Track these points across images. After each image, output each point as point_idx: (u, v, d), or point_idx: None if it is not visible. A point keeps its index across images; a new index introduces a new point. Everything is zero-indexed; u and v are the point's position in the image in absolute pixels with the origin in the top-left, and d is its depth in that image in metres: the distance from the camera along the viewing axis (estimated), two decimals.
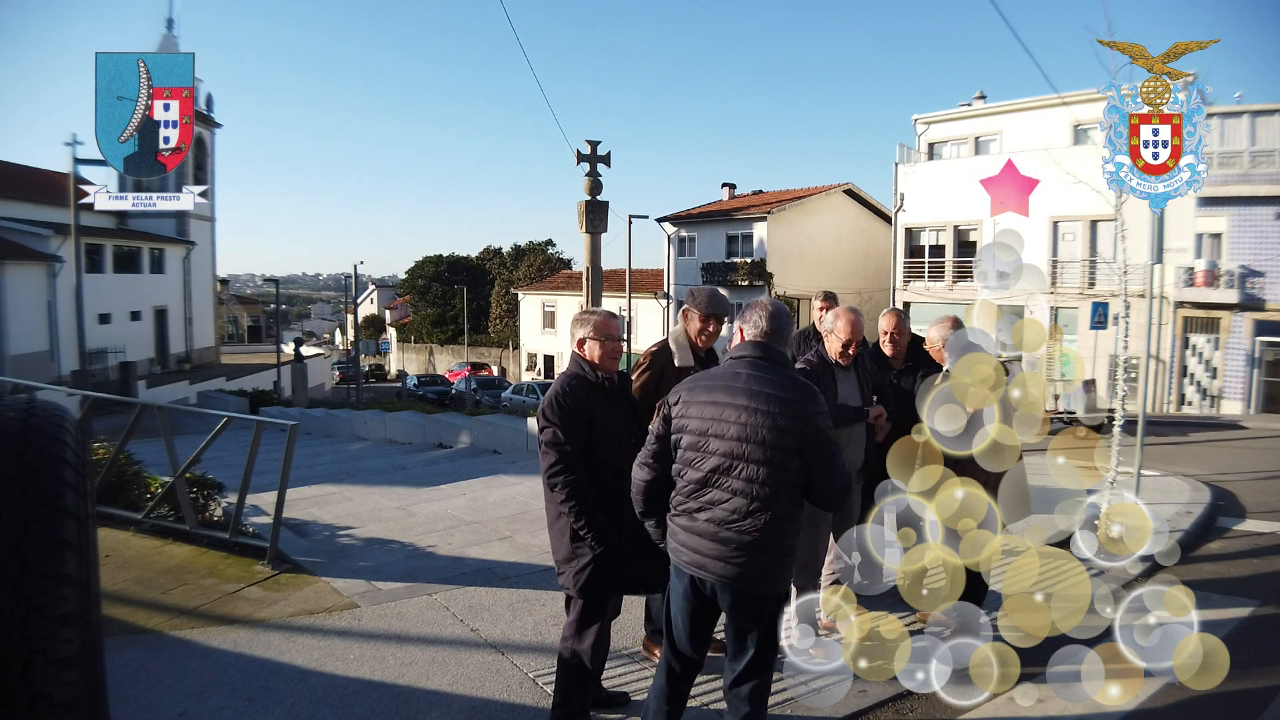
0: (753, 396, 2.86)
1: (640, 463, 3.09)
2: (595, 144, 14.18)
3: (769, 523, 2.84)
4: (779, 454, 2.82)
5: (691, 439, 2.93)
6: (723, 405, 2.89)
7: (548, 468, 3.41)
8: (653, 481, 3.06)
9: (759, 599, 2.91)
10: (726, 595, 2.91)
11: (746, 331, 3.08)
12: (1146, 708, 3.89)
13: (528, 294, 50.02)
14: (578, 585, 3.41)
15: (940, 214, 28.27)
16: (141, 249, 35.75)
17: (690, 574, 2.96)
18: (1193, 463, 10.87)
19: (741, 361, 3.00)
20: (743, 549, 2.84)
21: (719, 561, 2.86)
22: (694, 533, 2.92)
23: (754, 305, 3.12)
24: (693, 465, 2.93)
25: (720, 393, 2.92)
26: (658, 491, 3.07)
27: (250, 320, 77.67)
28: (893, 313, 5.02)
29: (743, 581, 2.86)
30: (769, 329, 3.03)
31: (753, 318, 3.07)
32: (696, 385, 3.01)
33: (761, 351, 3.00)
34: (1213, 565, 6.25)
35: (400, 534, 7.09)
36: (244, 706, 3.83)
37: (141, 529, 6.34)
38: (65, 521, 1.66)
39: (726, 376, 2.96)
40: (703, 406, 2.92)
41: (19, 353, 26.02)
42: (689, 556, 2.94)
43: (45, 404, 1.82)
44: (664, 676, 3.14)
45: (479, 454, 12.73)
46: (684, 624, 3.05)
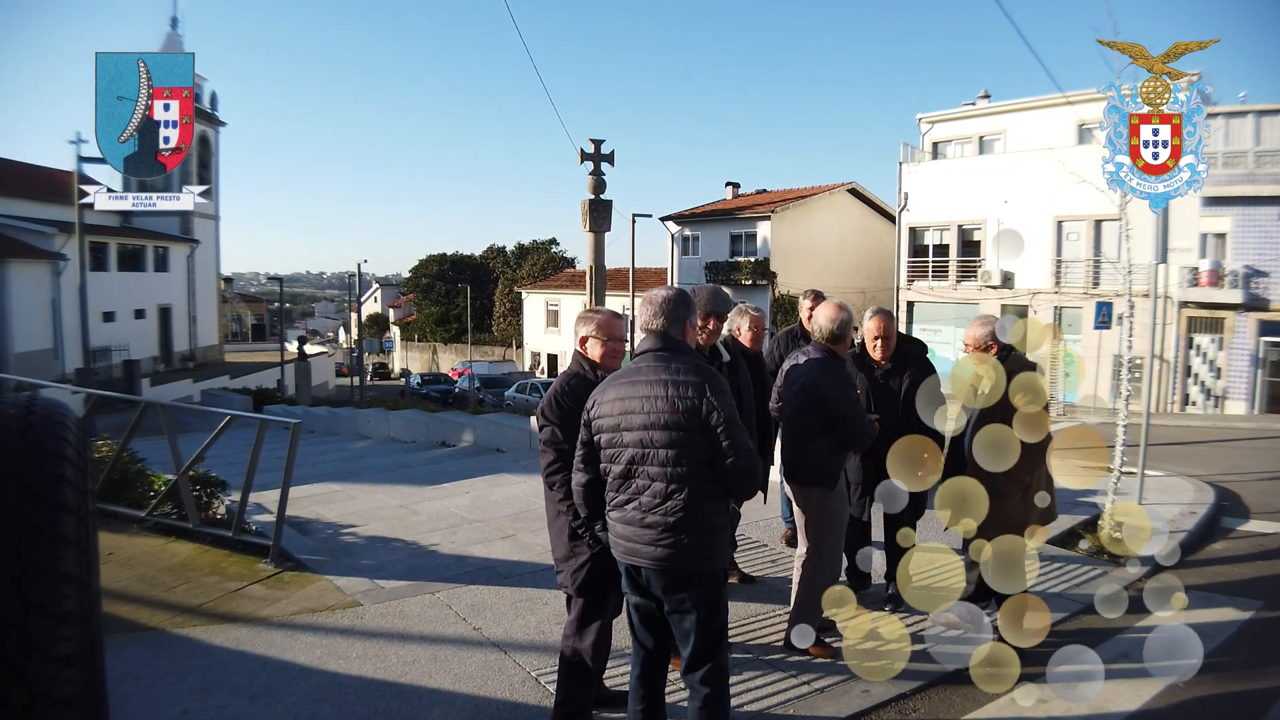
0: (652, 385, 2.99)
1: (574, 468, 3.23)
2: (599, 143, 14.18)
3: (689, 501, 2.94)
4: (685, 434, 2.94)
5: (608, 435, 3.06)
6: (628, 398, 3.02)
7: (546, 466, 3.48)
8: (587, 484, 3.19)
9: (689, 578, 2.99)
10: (659, 580, 3.01)
11: (640, 325, 3.22)
12: (1149, 709, 3.88)
13: (531, 293, 50.05)
14: (576, 584, 3.44)
15: (944, 213, 28.22)
16: (145, 247, 35.84)
17: (626, 564, 3.09)
18: (1196, 463, 10.84)
19: (644, 355, 3.12)
20: (668, 530, 2.96)
21: (648, 546, 2.98)
22: (625, 523, 3.05)
23: (645, 299, 3.26)
24: (614, 460, 3.06)
25: (625, 387, 3.05)
26: (594, 494, 3.19)
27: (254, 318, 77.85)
28: (880, 314, 4.98)
29: (670, 561, 2.97)
30: (664, 318, 3.15)
31: (646, 312, 3.21)
32: (607, 385, 3.15)
33: (660, 342, 3.12)
34: (1216, 566, 6.23)
35: (403, 532, 7.10)
36: (246, 704, 3.84)
37: (145, 527, 6.36)
38: (65, 519, 1.66)
39: (631, 372, 3.10)
40: (612, 403, 3.06)
41: (23, 350, 26.09)
42: (623, 546, 3.06)
43: (46, 401, 1.82)
44: (636, 670, 3.23)
45: (482, 452, 12.73)
46: (635, 615, 3.18)
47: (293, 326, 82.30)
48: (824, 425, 4.29)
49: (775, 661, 4.31)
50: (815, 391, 4.26)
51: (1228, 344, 22.34)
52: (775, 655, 4.39)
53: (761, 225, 35.31)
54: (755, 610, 4.97)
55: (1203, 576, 5.85)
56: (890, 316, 5.01)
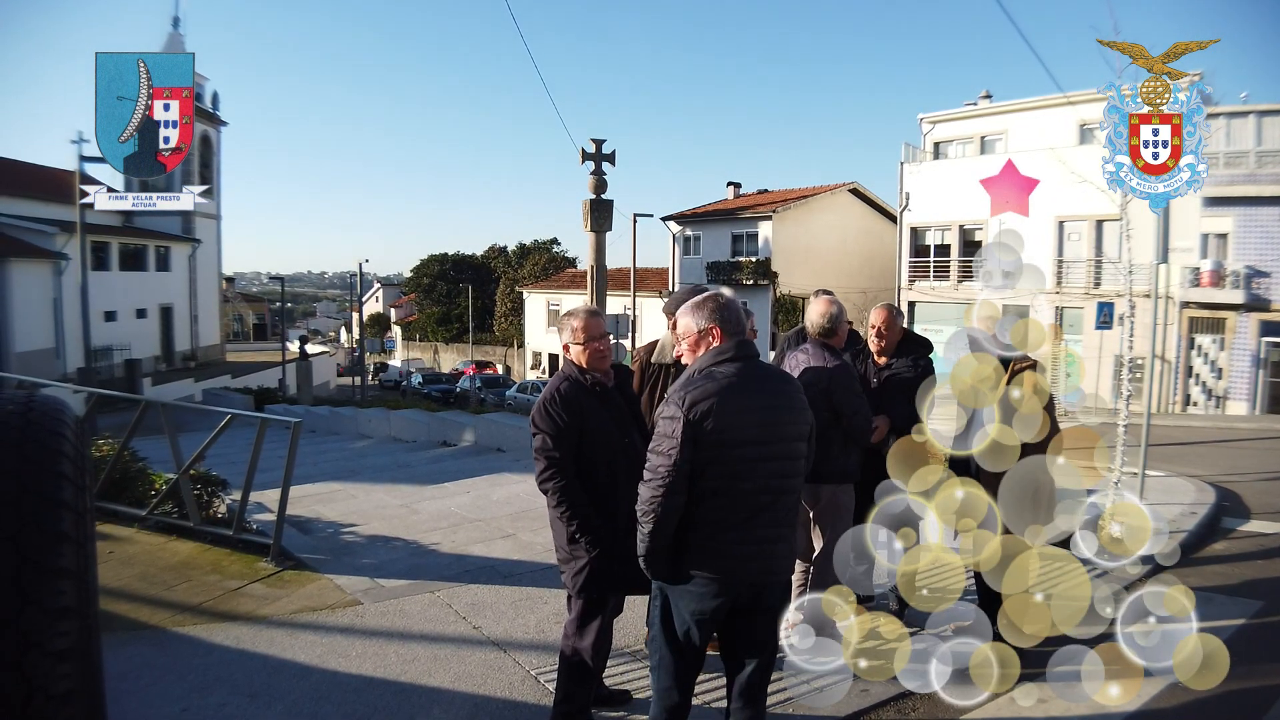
0: (784, 396, 2.96)
1: (669, 491, 2.74)
2: (600, 142, 14.21)
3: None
4: (808, 444, 3.04)
5: (737, 450, 2.83)
6: (761, 409, 2.89)
7: (539, 474, 3.41)
8: (678, 507, 2.83)
9: (789, 582, 3.08)
10: (774, 592, 2.96)
11: (728, 329, 2.94)
12: (1149, 709, 3.88)
13: (532, 292, 50.03)
14: (576, 586, 3.42)
15: (946, 213, 28.19)
16: (147, 246, 35.88)
17: (743, 587, 2.88)
18: (1197, 463, 10.84)
19: (746, 362, 2.89)
20: (786, 541, 2.95)
21: (778, 560, 2.97)
22: (752, 542, 2.89)
23: (701, 304, 2.98)
24: (740, 477, 2.83)
25: (745, 397, 2.85)
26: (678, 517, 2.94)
27: (255, 318, 78.03)
28: (882, 307, 4.90)
29: (789, 571, 3.04)
30: (737, 323, 2.99)
31: (726, 315, 2.95)
32: (725, 394, 2.81)
33: (753, 349, 3.00)
34: (1217, 566, 6.22)
35: (403, 531, 7.10)
36: (246, 703, 3.84)
37: (146, 525, 6.36)
38: (63, 515, 1.66)
39: (745, 379, 2.86)
40: (736, 415, 2.79)
41: (25, 350, 26.11)
42: (744, 568, 2.86)
43: (45, 399, 1.83)
44: (683, 693, 2.99)
45: (483, 452, 12.74)
46: (699, 635, 2.93)
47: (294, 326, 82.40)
48: (832, 419, 4.30)
49: (776, 661, 4.30)
50: (819, 386, 4.28)
51: (1229, 344, 22.32)
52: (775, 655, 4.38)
53: (763, 225, 35.28)
54: None
55: (1203, 577, 5.85)
56: (893, 310, 4.90)
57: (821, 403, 4.29)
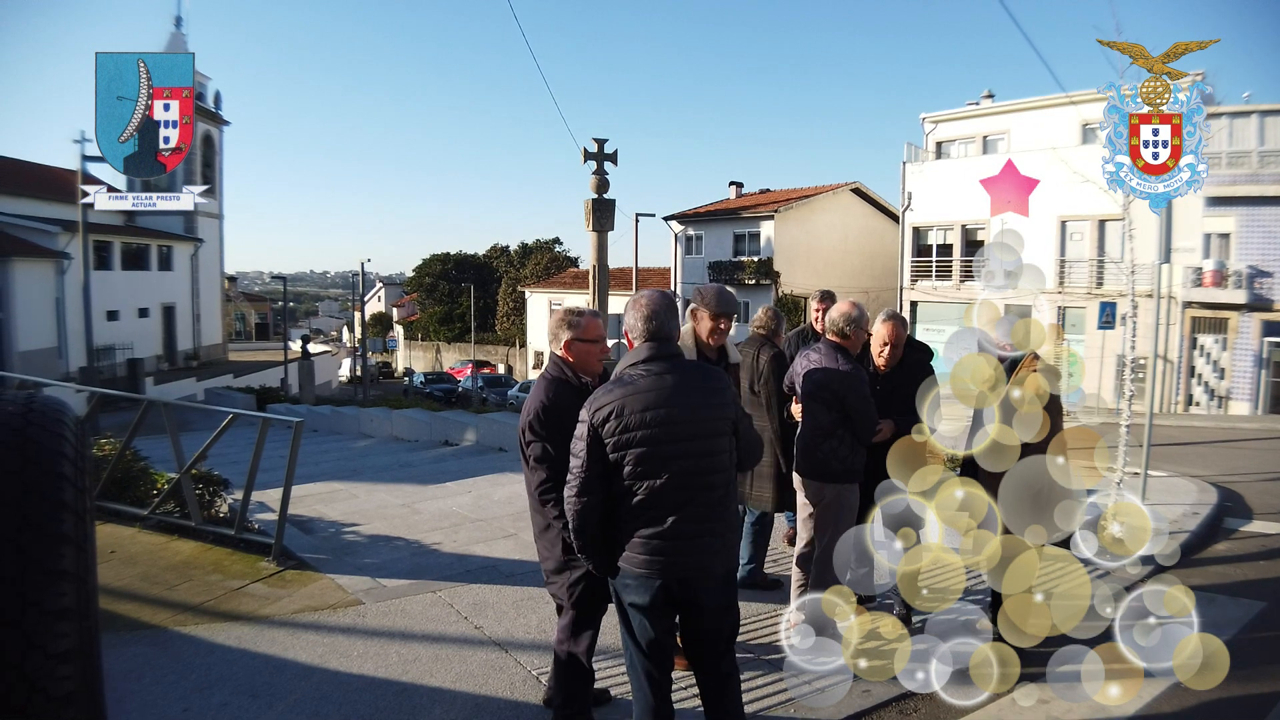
0: (695, 393, 2.97)
1: (576, 489, 2.95)
2: (602, 142, 14.20)
3: (733, 503, 3.08)
4: (729, 439, 3.04)
5: (643, 450, 2.93)
6: (665, 407, 2.92)
7: (539, 484, 3.35)
8: (593, 506, 3.00)
9: (731, 576, 3.09)
10: (708, 586, 3.00)
11: (641, 332, 3.05)
12: (1150, 711, 3.87)
13: (534, 292, 50.06)
14: (573, 598, 3.35)
15: (948, 213, 28.18)
16: (149, 246, 35.89)
17: (665, 579, 2.95)
18: (1199, 464, 10.82)
19: (657, 361, 3.00)
20: (719, 535, 3.01)
21: (702, 555, 2.98)
22: (670, 537, 2.97)
23: (636, 303, 3.10)
24: (652, 475, 2.93)
25: (651, 396, 2.94)
26: (600, 515, 3.01)
27: (258, 317, 78.03)
28: (892, 320, 4.69)
29: (727, 564, 3.06)
30: (659, 322, 3.03)
31: (649, 316, 3.04)
32: (626, 396, 2.95)
33: (671, 348, 3.05)
34: (1219, 567, 6.22)
35: (405, 531, 7.10)
36: (247, 702, 3.84)
37: (147, 525, 6.37)
38: (63, 516, 1.66)
39: (651, 380, 2.95)
40: (640, 415, 2.90)
41: (27, 349, 26.14)
42: (663, 561, 2.94)
43: (45, 399, 1.83)
44: (655, 693, 3.04)
45: (484, 451, 12.74)
46: (655, 633, 3.00)
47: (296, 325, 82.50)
48: (840, 419, 4.30)
49: (776, 661, 4.31)
50: (828, 386, 4.29)
51: (1231, 344, 22.29)
52: (776, 655, 4.38)
53: (765, 225, 35.28)
54: (755, 610, 4.97)
55: (1206, 577, 5.84)
56: (903, 324, 4.71)
57: (833, 404, 4.31)
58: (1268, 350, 21.84)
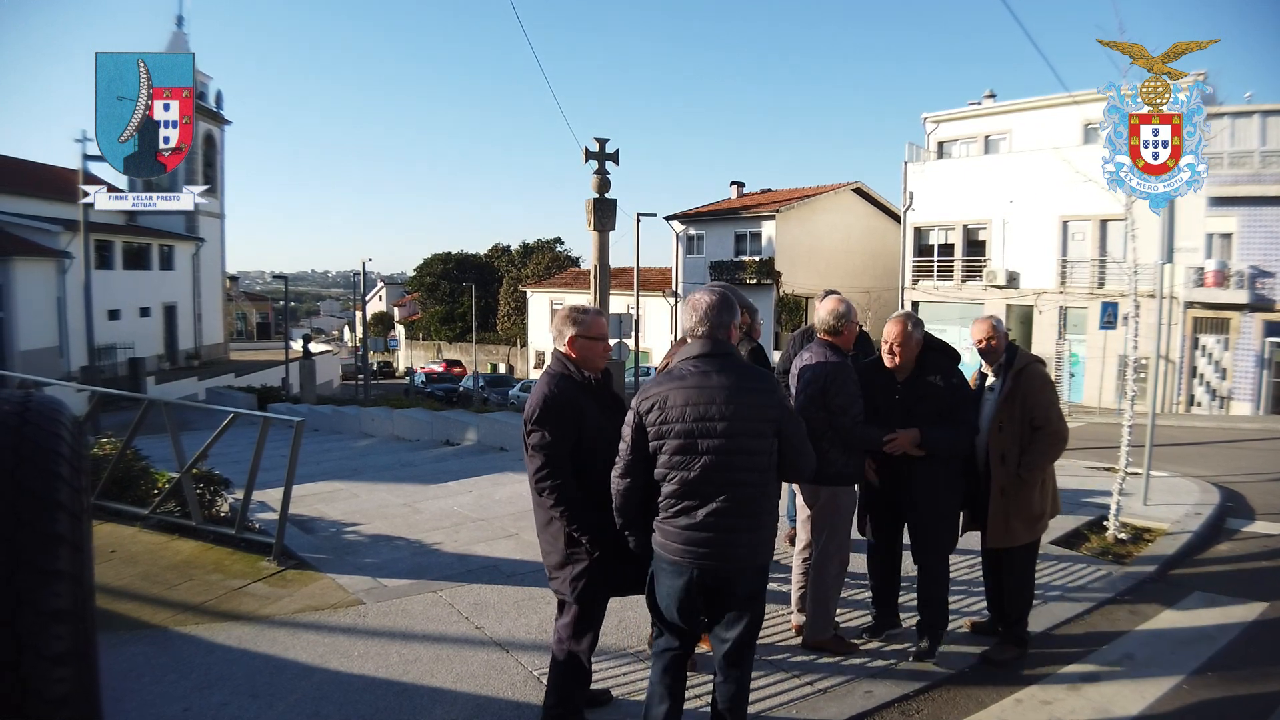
0: (738, 390, 3.06)
1: (621, 474, 3.19)
2: (603, 142, 14.17)
3: (767, 498, 3.16)
4: (769, 440, 3.12)
5: (680, 441, 3.08)
6: (705, 404, 3.05)
7: (535, 472, 3.37)
8: (635, 490, 3.21)
9: (764, 569, 3.21)
10: (739, 576, 3.11)
11: (695, 331, 3.22)
12: (1156, 711, 3.85)
13: (536, 291, 50.04)
14: (576, 591, 3.35)
15: (949, 213, 28.16)
16: (151, 245, 35.90)
17: (696, 567, 3.08)
18: (1201, 464, 10.80)
19: (709, 359, 3.13)
20: (750, 530, 3.10)
21: (733, 548, 3.07)
22: (701, 528, 3.07)
23: (693, 304, 3.26)
24: (685, 467, 3.08)
25: (693, 392, 3.08)
26: (642, 500, 3.21)
27: (259, 317, 78.12)
28: (896, 319, 4.41)
29: (760, 558, 3.16)
30: (711, 323, 3.18)
31: (696, 317, 3.23)
32: (670, 389, 3.14)
33: (723, 347, 3.17)
34: (1222, 567, 6.20)
35: (406, 531, 7.09)
36: (247, 702, 3.83)
37: (148, 524, 6.36)
38: (59, 516, 1.65)
39: (699, 375, 3.11)
40: (681, 409, 3.08)
41: (29, 348, 26.15)
42: (695, 551, 3.06)
43: (42, 398, 1.81)
44: (669, 672, 3.19)
45: (486, 451, 12.73)
46: (680, 616, 3.16)
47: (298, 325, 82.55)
48: (831, 419, 4.27)
49: (778, 662, 4.30)
50: (817, 384, 4.24)
51: (1233, 344, 22.25)
52: (778, 655, 4.37)
53: (766, 224, 35.26)
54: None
55: (1208, 578, 5.82)
56: (907, 323, 4.37)
57: (820, 401, 4.24)
58: (1269, 350, 21.80)
